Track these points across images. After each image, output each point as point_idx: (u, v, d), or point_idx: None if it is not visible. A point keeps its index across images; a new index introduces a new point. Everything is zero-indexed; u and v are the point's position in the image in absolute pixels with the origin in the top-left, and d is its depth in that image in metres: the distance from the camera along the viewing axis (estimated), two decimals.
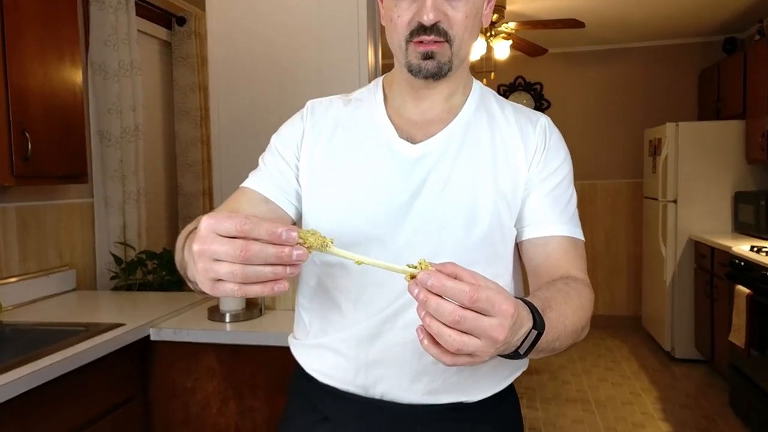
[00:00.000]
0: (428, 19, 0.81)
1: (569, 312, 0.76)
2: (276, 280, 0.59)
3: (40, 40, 2.00)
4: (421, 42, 0.83)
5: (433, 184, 0.88)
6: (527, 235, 0.91)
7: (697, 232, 4.02)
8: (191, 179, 3.26)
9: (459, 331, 0.58)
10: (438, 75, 0.86)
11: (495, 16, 3.63)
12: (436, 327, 0.58)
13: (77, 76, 2.17)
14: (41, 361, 1.49)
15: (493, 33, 3.71)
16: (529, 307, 0.66)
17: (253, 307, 1.93)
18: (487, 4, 0.91)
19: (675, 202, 4.10)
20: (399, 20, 0.85)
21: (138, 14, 2.81)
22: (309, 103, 1.00)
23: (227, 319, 1.87)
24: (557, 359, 4.21)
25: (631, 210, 5.09)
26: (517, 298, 0.65)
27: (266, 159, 0.99)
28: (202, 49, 3.33)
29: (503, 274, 0.92)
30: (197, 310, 2.04)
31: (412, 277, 0.61)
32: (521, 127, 0.94)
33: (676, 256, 4.12)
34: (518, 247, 0.93)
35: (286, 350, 1.72)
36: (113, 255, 2.51)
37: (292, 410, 0.97)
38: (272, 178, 0.95)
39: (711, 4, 3.85)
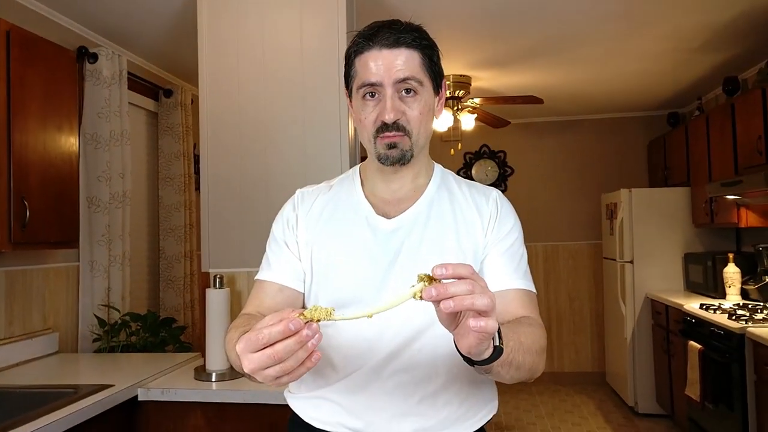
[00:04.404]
0: (389, 118, 1.00)
1: (520, 331, 0.91)
2: (310, 355, 0.75)
3: (41, 114, 2.15)
4: (385, 136, 1.02)
5: (407, 251, 1.05)
6: None
7: (653, 290, 4.26)
8: (173, 242, 3.37)
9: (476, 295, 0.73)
10: (402, 160, 1.05)
11: (461, 92, 3.95)
12: (468, 299, 0.72)
13: (73, 147, 2.31)
14: (34, 423, 1.53)
15: (459, 107, 4.02)
16: None
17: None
18: (438, 102, 1.10)
19: (631, 262, 4.36)
20: (366, 120, 1.04)
21: (128, 87, 2.99)
22: (298, 192, 1.17)
23: (213, 378, 1.96)
24: (526, 415, 4.31)
25: (592, 270, 5.35)
26: None
27: (272, 248, 1.14)
28: (187, 119, 3.52)
29: None
30: (183, 370, 2.11)
31: (422, 290, 0.75)
32: (476, 201, 1.13)
33: (635, 314, 4.34)
34: None
35: (271, 408, 1.83)
36: (97, 317, 2.57)
37: None
38: (281, 267, 1.11)
39: (655, 83, 4.27)
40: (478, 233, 1.09)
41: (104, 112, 2.75)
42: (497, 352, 0.81)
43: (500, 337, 0.81)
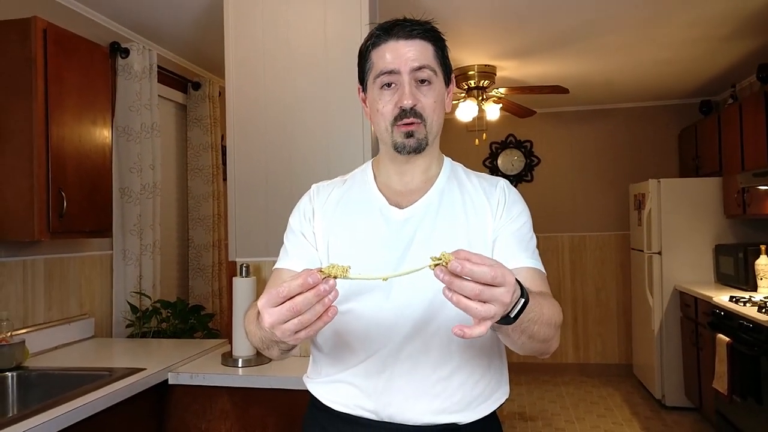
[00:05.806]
0: (407, 103, 1.05)
1: (543, 303, 0.95)
2: (327, 309, 0.79)
3: (77, 108, 2.23)
4: (403, 124, 1.07)
5: (419, 239, 1.09)
6: None
7: (682, 282, 4.20)
8: (202, 232, 3.46)
9: (480, 301, 0.75)
10: (418, 149, 1.09)
11: (486, 82, 3.93)
12: (464, 302, 0.75)
13: (107, 140, 2.39)
14: (72, 403, 1.62)
15: (484, 97, 4.00)
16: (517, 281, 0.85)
17: (262, 354, 2.08)
18: (447, 94, 1.15)
19: (659, 253, 4.30)
20: (384, 109, 1.08)
21: (158, 80, 3.06)
22: (314, 187, 1.22)
23: (240, 364, 2.03)
24: (551, 406, 4.31)
25: (620, 261, 5.28)
26: None
27: (290, 238, 1.18)
28: (215, 111, 3.59)
29: None
30: (211, 356, 2.19)
31: (436, 265, 0.77)
32: (485, 189, 1.16)
33: (663, 306, 4.29)
34: None
35: (294, 393, 1.89)
36: (129, 304, 2.67)
37: None
38: (298, 255, 1.15)
39: (685, 70, 4.17)
40: (488, 218, 1.12)
41: (135, 105, 2.83)
42: (505, 320, 0.83)
43: (523, 307, 0.84)
